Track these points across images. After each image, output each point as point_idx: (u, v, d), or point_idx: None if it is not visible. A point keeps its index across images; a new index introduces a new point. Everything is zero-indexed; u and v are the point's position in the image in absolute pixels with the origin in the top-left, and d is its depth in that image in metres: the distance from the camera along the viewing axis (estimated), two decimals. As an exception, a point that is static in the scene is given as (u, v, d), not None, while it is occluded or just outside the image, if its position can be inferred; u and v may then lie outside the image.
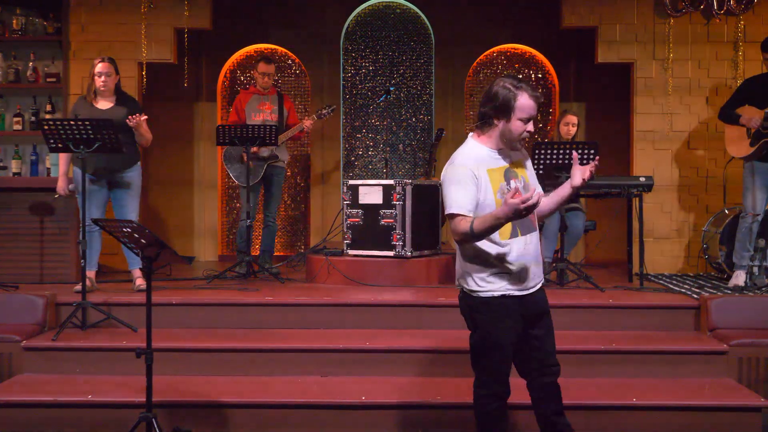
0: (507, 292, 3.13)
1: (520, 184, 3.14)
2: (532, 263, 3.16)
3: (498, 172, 3.14)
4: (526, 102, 3.06)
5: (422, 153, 7.86)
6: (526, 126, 3.09)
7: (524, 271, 3.13)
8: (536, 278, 3.20)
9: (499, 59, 7.91)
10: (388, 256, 5.69)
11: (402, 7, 7.92)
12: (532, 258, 3.16)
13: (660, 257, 6.65)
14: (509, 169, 3.16)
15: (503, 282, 3.13)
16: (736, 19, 6.57)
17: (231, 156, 6.27)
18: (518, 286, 3.13)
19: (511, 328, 3.16)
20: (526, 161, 3.27)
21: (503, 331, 3.16)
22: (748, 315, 4.80)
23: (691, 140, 6.67)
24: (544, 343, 3.23)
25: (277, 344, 4.54)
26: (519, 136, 3.11)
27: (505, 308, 3.14)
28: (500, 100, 3.07)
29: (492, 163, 3.15)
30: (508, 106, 3.06)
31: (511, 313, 3.14)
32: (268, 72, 6.35)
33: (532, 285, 3.18)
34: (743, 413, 4.01)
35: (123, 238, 3.46)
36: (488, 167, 3.13)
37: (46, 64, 6.82)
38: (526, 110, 3.06)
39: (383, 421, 4.02)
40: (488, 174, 3.11)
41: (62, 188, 5.42)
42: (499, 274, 3.13)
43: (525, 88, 3.08)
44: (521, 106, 3.06)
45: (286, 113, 6.45)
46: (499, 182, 3.12)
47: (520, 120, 3.07)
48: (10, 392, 4.17)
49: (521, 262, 3.12)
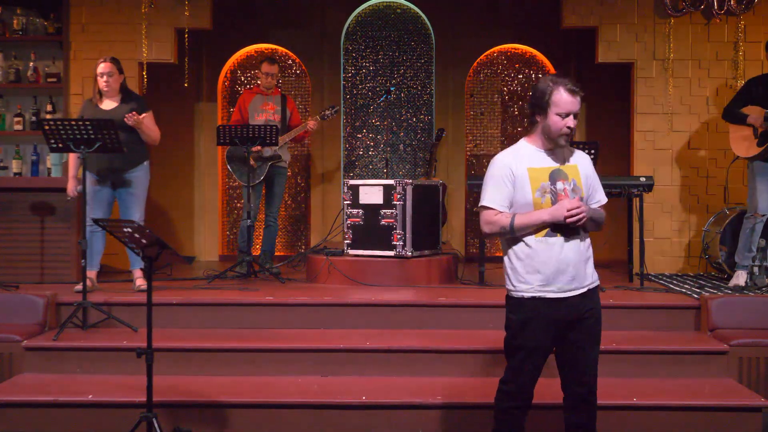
0: (538, 294, 3.08)
1: (568, 187, 3.08)
2: (570, 266, 3.07)
3: (541, 171, 3.09)
4: (561, 96, 3.02)
5: (423, 153, 7.86)
6: (564, 121, 3.03)
7: (559, 274, 3.06)
8: (576, 282, 3.09)
9: (500, 59, 7.91)
10: (388, 256, 5.69)
11: (402, 7, 7.92)
12: (572, 260, 3.07)
13: (660, 257, 6.65)
14: (558, 170, 3.09)
15: (535, 283, 3.08)
16: (736, 19, 6.57)
17: (234, 156, 6.28)
18: (552, 289, 3.06)
19: (539, 332, 3.09)
20: (582, 164, 3.17)
21: (529, 334, 3.10)
22: (749, 315, 4.79)
23: (691, 140, 6.67)
24: (580, 352, 3.14)
25: (277, 344, 4.54)
26: (558, 132, 3.05)
27: (534, 311, 3.08)
28: (537, 95, 3.08)
29: (535, 162, 3.11)
30: (544, 101, 3.05)
31: (542, 316, 3.07)
32: (271, 72, 6.36)
33: (570, 288, 3.08)
34: (743, 413, 4.01)
35: (123, 238, 3.46)
36: (530, 165, 3.10)
37: (46, 64, 6.82)
38: (561, 105, 3.02)
39: (383, 421, 4.02)
40: (528, 172, 3.08)
41: (71, 190, 5.42)
42: (532, 275, 3.08)
43: (562, 82, 3.05)
44: (557, 101, 3.03)
45: (289, 114, 6.46)
46: (540, 181, 3.07)
47: (558, 115, 3.04)
48: (11, 392, 4.17)
49: (557, 263, 3.05)
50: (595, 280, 3.18)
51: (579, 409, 3.21)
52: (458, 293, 5.25)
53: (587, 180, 3.17)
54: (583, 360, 3.15)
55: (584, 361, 3.16)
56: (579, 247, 3.10)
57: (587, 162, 3.22)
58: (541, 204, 3.08)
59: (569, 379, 3.19)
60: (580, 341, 3.13)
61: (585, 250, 3.14)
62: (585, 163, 3.19)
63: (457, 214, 7.78)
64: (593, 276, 3.17)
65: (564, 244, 3.06)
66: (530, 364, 3.14)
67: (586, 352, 3.15)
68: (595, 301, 3.17)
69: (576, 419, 3.22)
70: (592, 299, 3.15)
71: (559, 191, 3.08)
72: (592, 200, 3.20)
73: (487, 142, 7.87)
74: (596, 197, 3.22)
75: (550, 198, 3.08)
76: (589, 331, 3.14)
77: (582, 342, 3.13)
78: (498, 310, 4.87)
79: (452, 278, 5.87)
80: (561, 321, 3.09)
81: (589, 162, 3.23)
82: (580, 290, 3.10)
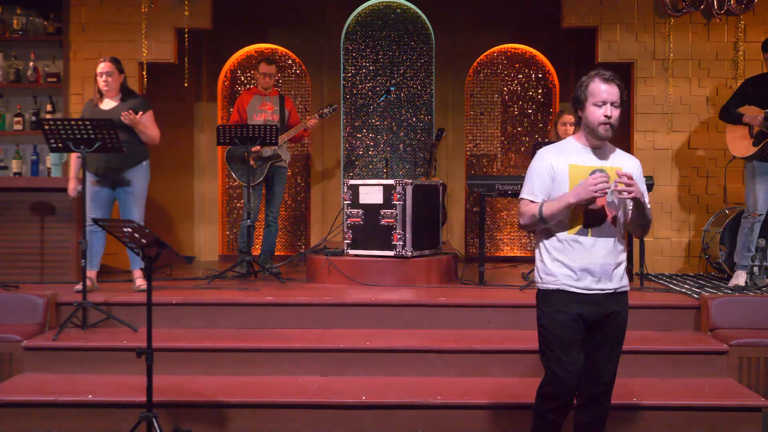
0: (564, 287, 3.09)
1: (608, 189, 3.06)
2: (598, 267, 3.07)
3: (583, 169, 3.09)
4: (597, 85, 3.03)
5: (423, 153, 7.86)
6: (601, 110, 3.02)
7: (587, 272, 3.07)
8: (602, 284, 3.09)
9: (500, 59, 7.91)
10: (388, 256, 5.69)
11: (402, 7, 7.92)
12: (601, 261, 3.07)
13: (660, 257, 6.65)
14: (601, 169, 3.07)
15: (562, 276, 3.09)
16: (736, 19, 6.57)
17: (234, 156, 6.28)
18: (578, 284, 3.08)
19: (567, 324, 3.09)
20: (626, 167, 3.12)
21: (558, 326, 3.10)
22: (749, 315, 4.79)
23: (691, 140, 6.67)
24: (599, 352, 3.13)
25: (277, 344, 4.53)
26: (596, 122, 3.04)
27: (561, 303, 3.10)
28: (576, 89, 3.10)
29: (578, 158, 3.11)
30: (581, 93, 3.07)
31: (568, 309, 3.08)
32: (269, 72, 6.37)
33: (596, 287, 3.08)
34: (743, 413, 4.01)
35: (123, 238, 3.46)
36: (572, 162, 3.10)
37: (46, 64, 6.82)
38: (597, 94, 3.03)
39: (383, 421, 4.01)
40: (569, 168, 3.09)
41: (72, 190, 5.41)
42: (560, 267, 3.10)
43: (598, 72, 3.07)
44: (592, 91, 3.04)
45: (288, 114, 6.47)
46: (580, 179, 3.05)
47: (595, 105, 3.04)
48: (11, 392, 4.17)
49: (585, 261, 3.06)
50: (624, 285, 3.16)
51: (590, 409, 3.22)
52: (458, 293, 5.25)
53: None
54: (601, 361, 3.15)
55: (602, 363, 3.16)
56: (610, 249, 3.09)
57: (636, 167, 3.18)
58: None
59: (585, 379, 3.18)
60: (601, 342, 3.14)
61: (617, 253, 3.12)
62: (632, 168, 3.15)
63: (457, 214, 7.78)
64: (623, 281, 3.16)
65: (595, 242, 3.06)
66: (568, 357, 3.10)
67: (605, 353, 3.15)
68: (623, 305, 3.16)
69: (586, 418, 3.23)
70: (619, 302, 3.14)
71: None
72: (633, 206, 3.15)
73: (487, 142, 7.87)
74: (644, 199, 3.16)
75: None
76: (611, 332, 3.14)
77: (602, 343, 3.14)
78: (498, 310, 4.91)
79: (452, 278, 5.87)
80: (585, 317, 3.10)
81: (636, 167, 3.18)
82: (607, 291, 3.11)
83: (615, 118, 3.05)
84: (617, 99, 3.04)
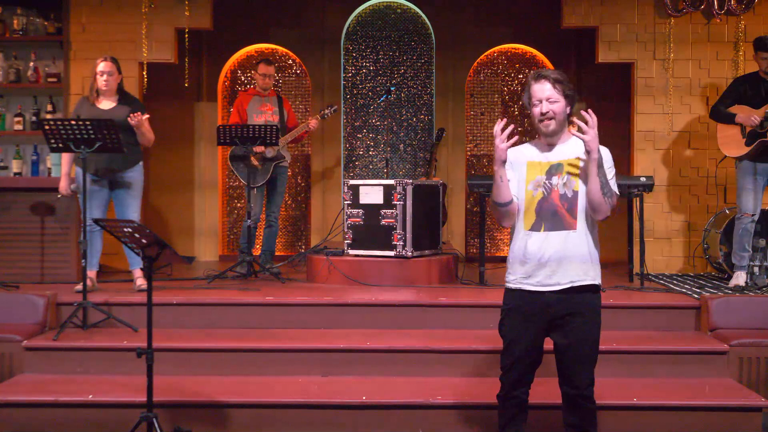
0: (520, 285, 3.13)
1: (561, 181, 3.08)
2: (552, 260, 3.06)
3: (540, 165, 3.12)
4: (531, 86, 3.11)
5: (423, 153, 7.86)
6: (538, 108, 3.09)
7: (540, 267, 3.07)
8: (556, 277, 3.07)
9: (500, 59, 7.91)
10: (388, 256, 5.69)
11: (402, 7, 7.92)
12: (555, 255, 3.05)
13: (660, 257, 6.65)
14: (558, 164, 3.09)
15: (519, 275, 3.13)
16: (736, 19, 6.57)
17: (237, 156, 6.27)
18: (532, 281, 3.09)
19: (518, 324, 3.12)
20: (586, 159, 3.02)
21: (511, 327, 3.16)
22: (749, 315, 4.79)
23: (691, 140, 6.67)
24: (567, 353, 3.11)
25: (277, 344, 4.54)
26: (536, 121, 3.12)
27: (515, 302, 3.14)
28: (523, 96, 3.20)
29: (536, 156, 3.16)
30: (525, 98, 3.16)
31: (521, 308, 3.11)
32: (268, 73, 6.37)
33: (550, 283, 3.08)
34: (744, 413, 4.01)
35: (123, 238, 3.46)
36: (530, 159, 3.15)
37: (46, 64, 6.82)
38: (533, 94, 3.10)
39: (384, 421, 4.02)
40: (527, 165, 3.13)
41: (64, 188, 5.42)
42: (516, 265, 3.14)
43: (533, 74, 3.13)
44: (530, 93, 3.12)
45: (286, 114, 6.47)
46: (536, 175, 3.10)
47: (533, 106, 3.11)
48: (11, 392, 4.17)
49: (539, 256, 3.07)
50: (583, 279, 3.09)
51: (571, 410, 3.21)
52: (458, 293, 5.25)
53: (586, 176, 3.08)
54: (571, 361, 3.13)
55: (572, 362, 3.13)
56: (565, 242, 3.07)
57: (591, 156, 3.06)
58: (533, 196, 3.11)
59: (560, 380, 3.20)
60: (567, 342, 3.11)
61: (574, 246, 3.08)
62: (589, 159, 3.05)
63: (458, 214, 7.78)
64: (584, 275, 3.09)
65: (547, 236, 3.08)
66: (511, 356, 3.17)
67: (573, 353, 3.11)
68: (585, 302, 3.10)
69: (570, 419, 3.22)
70: (580, 299, 3.09)
71: (554, 186, 3.09)
72: None
73: (487, 142, 7.87)
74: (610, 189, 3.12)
75: (543, 192, 3.10)
76: (576, 331, 3.09)
77: (568, 342, 3.11)
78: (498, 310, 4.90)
79: (452, 278, 5.87)
80: (540, 316, 3.10)
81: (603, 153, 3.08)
82: (560, 286, 3.07)
83: (555, 112, 3.07)
84: (551, 93, 3.06)
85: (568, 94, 3.08)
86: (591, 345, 3.14)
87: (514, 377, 3.20)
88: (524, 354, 3.16)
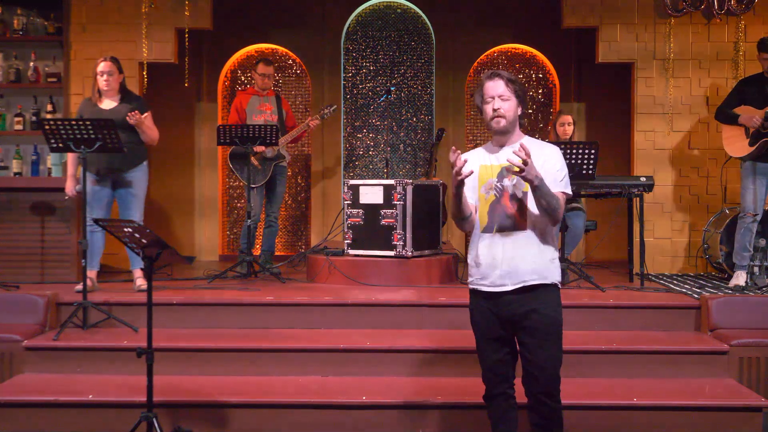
0: (476, 286, 3.20)
1: (510, 182, 3.11)
2: (504, 261, 3.07)
3: (492, 168, 3.16)
4: (483, 84, 3.12)
5: (423, 153, 7.86)
6: (490, 105, 3.09)
7: (493, 268, 3.10)
8: (509, 278, 3.07)
9: (500, 59, 7.91)
10: (388, 256, 5.69)
11: (402, 7, 7.92)
12: (506, 256, 3.06)
13: (660, 257, 6.65)
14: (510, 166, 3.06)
15: (476, 276, 3.20)
16: (736, 19, 6.57)
17: (237, 156, 6.27)
18: (486, 282, 3.14)
19: (481, 322, 3.19)
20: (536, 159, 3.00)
21: (475, 325, 3.24)
22: (749, 315, 4.79)
23: (691, 140, 6.67)
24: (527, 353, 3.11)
25: (277, 344, 4.54)
26: (488, 118, 3.13)
27: (475, 301, 3.22)
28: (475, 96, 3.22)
29: (488, 159, 3.20)
30: (477, 98, 3.17)
31: (482, 309, 3.18)
32: (267, 73, 6.37)
33: (501, 284, 3.09)
34: (744, 413, 4.01)
35: (124, 238, 3.46)
36: (483, 163, 3.19)
37: (47, 64, 6.82)
38: (485, 91, 3.11)
39: (383, 421, 4.02)
40: (480, 169, 3.17)
41: (70, 189, 5.42)
42: (472, 267, 3.21)
43: (486, 73, 3.16)
44: (481, 91, 3.13)
45: (285, 114, 6.47)
46: (488, 178, 3.15)
47: (485, 103, 3.12)
48: (11, 392, 4.17)
49: (491, 258, 3.11)
50: (534, 279, 3.07)
51: (535, 409, 3.20)
52: (458, 293, 5.25)
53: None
54: (531, 361, 3.12)
55: (533, 363, 3.11)
56: (516, 243, 3.08)
57: (546, 157, 3.10)
58: (486, 200, 3.14)
59: (524, 379, 3.20)
60: (526, 342, 3.12)
61: (528, 247, 3.07)
62: (537, 159, 3.03)
63: (458, 214, 7.77)
64: (535, 274, 3.08)
65: (498, 238, 3.10)
66: (482, 355, 3.24)
67: (533, 353, 3.10)
68: (539, 300, 3.08)
69: (533, 419, 3.22)
70: (535, 298, 3.08)
71: (505, 188, 3.12)
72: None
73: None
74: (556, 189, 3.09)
75: (494, 195, 3.13)
76: (533, 331, 3.08)
77: (527, 343, 3.11)
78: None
79: (452, 278, 5.87)
80: (498, 316, 3.14)
81: (550, 156, 3.10)
82: (512, 287, 3.08)
83: (506, 110, 3.08)
84: (504, 92, 3.07)
85: (519, 95, 3.11)
86: (552, 342, 3.10)
87: (490, 376, 3.26)
88: (492, 353, 3.21)
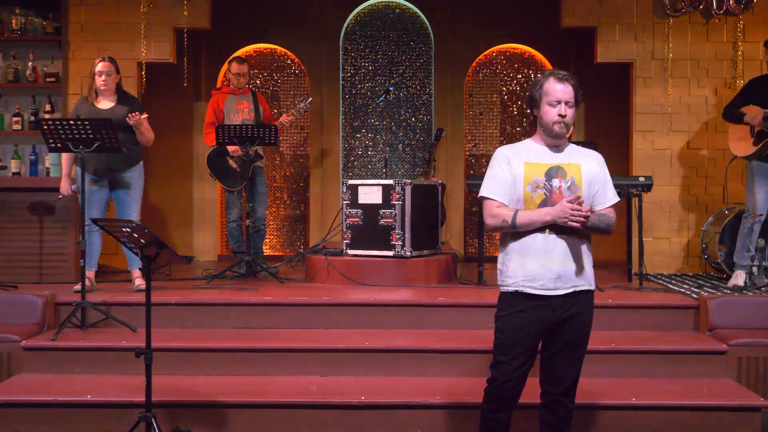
0: (521, 288, 3.06)
1: (564, 185, 3.05)
2: (557, 264, 3.02)
3: (538, 167, 3.08)
4: (551, 85, 3.04)
5: (422, 153, 7.86)
6: (556, 109, 3.02)
7: (545, 271, 3.02)
8: (561, 282, 3.04)
9: (499, 59, 7.91)
10: (387, 256, 5.69)
11: (401, 7, 7.92)
12: (560, 260, 3.03)
13: (659, 257, 6.65)
14: (558, 167, 3.06)
15: (520, 278, 3.06)
16: (735, 19, 6.57)
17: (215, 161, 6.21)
18: (535, 285, 3.04)
19: (521, 328, 3.06)
20: (586, 164, 3.10)
21: (511, 330, 3.09)
22: (748, 315, 4.79)
23: (690, 140, 6.68)
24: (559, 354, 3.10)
25: (276, 344, 4.53)
26: (551, 122, 3.04)
27: (518, 306, 3.07)
28: (531, 89, 3.11)
29: (534, 157, 3.10)
30: (536, 92, 3.08)
31: (525, 313, 3.06)
32: (241, 72, 6.32)
33: (553, 287, 3.04)
34: (743, 413, 4.01)
35: (122, 238, 3.46)
36: (527, 160, 3.09)
37: (45, 64, 6.82)
38: (551, 93, 3.03)
39: (383, 421, 4.01)
40: (525, 166, 3.07)
41: (65, 189, 5.42)
42: (518, 268, 3.07)
43: (553, 72, 3.08)
44: (547, 90, 3.04)
45: (262, 110, 6.42)
46: (534, 176, 3.05)
47: (549, 105, 3.04)
48: (10, 392, 4.17)
49: (544, 260, 3.02)
50: (585, 284, 3.10)
51: (553, 410, 3.19)
52: (457, 293, 5.25)
53: (590, 180, 3.10)
54: (561, 363, 3.12)
55: (563, 365, 3.12)
56: (570, 247, 3.05)
57: (595, 163, 3.14)
58: (532, 198, 3.06)
59: (546, 379, 3.17)
60: (561, 343, 3.10)
61: (578, 252, 3.07)
62: (590, 164, 3.12)
63: (457, 214, 7.78)
64: (585, 280, 3.10)
65: (554, 241, 3.03)
66: (511, 364, 3.09)
67: (565, 354, 3.11)
68: (584, 305, 3.09)
69: (549, 418, 3.20)
70: (579, 302, 3.08)
71: (554, 188, 3.06)
72: (596, 202, 3.12)
73: (486, 141, 7.87)
74: (601, 200, 3.13)
75: (543, 193, 3.06)
76: (572, 334, 3.09)
77: (562, 343, 3.10)
78: (497, 309, 4.91)
79: (451, 278, 5.87)
80: (543, 321, 3.06)
81: (599, 163, 3.15)
82: (564, 290, 3.05)
83: (570, 117, 3.06)
84: (571, 98, 3.05)
85: (578, 101, 3.10)
86: (585, 345, 3.16)
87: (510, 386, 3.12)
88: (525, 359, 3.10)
